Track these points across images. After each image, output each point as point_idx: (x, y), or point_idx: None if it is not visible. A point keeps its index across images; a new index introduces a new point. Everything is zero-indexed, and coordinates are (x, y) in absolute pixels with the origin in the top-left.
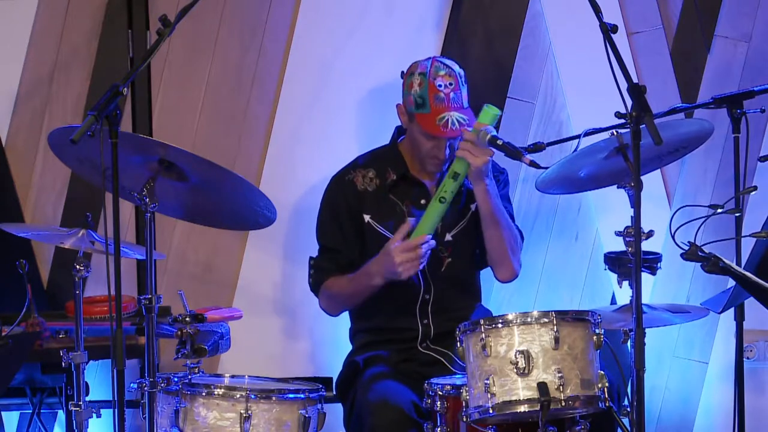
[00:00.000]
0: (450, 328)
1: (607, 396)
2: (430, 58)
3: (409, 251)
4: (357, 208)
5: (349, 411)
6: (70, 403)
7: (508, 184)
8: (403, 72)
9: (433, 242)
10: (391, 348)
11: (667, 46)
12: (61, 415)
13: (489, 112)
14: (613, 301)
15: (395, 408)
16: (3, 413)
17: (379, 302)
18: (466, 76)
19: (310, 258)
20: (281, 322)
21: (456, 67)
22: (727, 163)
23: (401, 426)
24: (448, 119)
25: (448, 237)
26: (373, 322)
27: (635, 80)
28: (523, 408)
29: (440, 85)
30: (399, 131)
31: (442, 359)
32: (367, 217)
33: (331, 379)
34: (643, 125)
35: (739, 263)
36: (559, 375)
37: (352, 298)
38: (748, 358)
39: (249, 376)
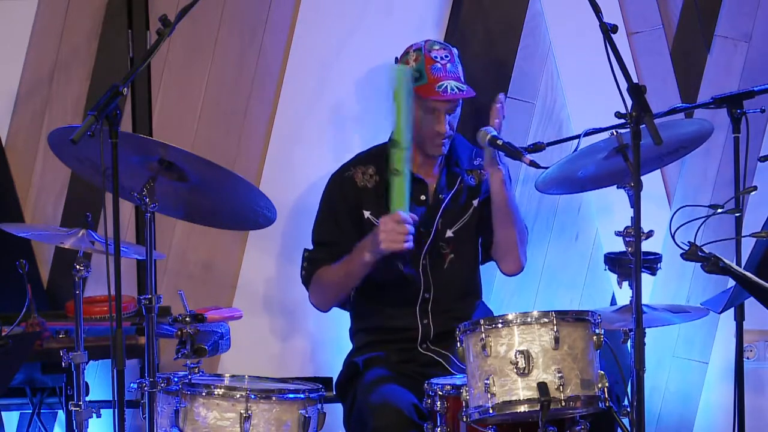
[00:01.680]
0: (450, 327)
1: (607, 396)
2: (422, 40)
3: (394, 222)
4: (356, 204)
5: (349, 411)
6: (70, 403)
7: (509, 177)
8: (396, 57)
9: (415, 217)
10: (391, 348)
11: (667, 46)
12: (61, 415)
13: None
14: (613, 302)
15: (396, 410)
16: (3, 413)
17: (378, 301)
18: (464, 73)
19: (305, 250)
20: (281, 322)
21: (449, 46)
22: (727, 163)
23: (402, 428)
24: (447, 86)
25: (450, 233)
26: (373, 321)
27: (635, 80)
28: (523, 408)
29: (436, 57)
30: None
31: (441, 361)
32: (366, 213)
33: (331, 379)
34: (643, 125)
35: (739, 263)
36: (559, 375)
37: (342, 283)
38: (748, 358)
39: (249, 376)
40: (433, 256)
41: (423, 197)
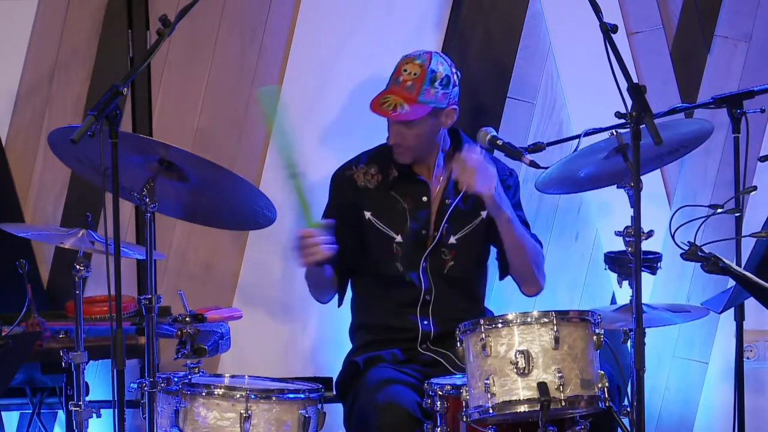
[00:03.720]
0: (450, 329)
1: (607, 396)
2: (432, 51)
3: (301, 239)
4: (356, 205)
5: (350, 411)
6: (70, 403)
7: (519, 187)
8: None
9: (325, 223)
10: (391, 348)
11: (667, 46)
12: (61, 415)
13: None
14: (613, 301)
15: (401, 408)
16: (3, 413)
17: (380, 300)
18: (456, 81)
19: None
20: (281, 322)
21: (441, 67)
22: (727, 163)
23: (407, 426)
24: (389, 100)
25: (453, 240)
26: (374, 319)
27: (635, 80)
28: (523, 408)
29: (405, 70)
30: None
31: (442, 360)
32: (367, 214)
33: (331, 379)
34: (643, 125)
35: (739, 263)
36: (559, 375)
37: (310, 281)
38: (748, 358)
39: (249, 376)
40: (434, 260)
41: (425, 198)
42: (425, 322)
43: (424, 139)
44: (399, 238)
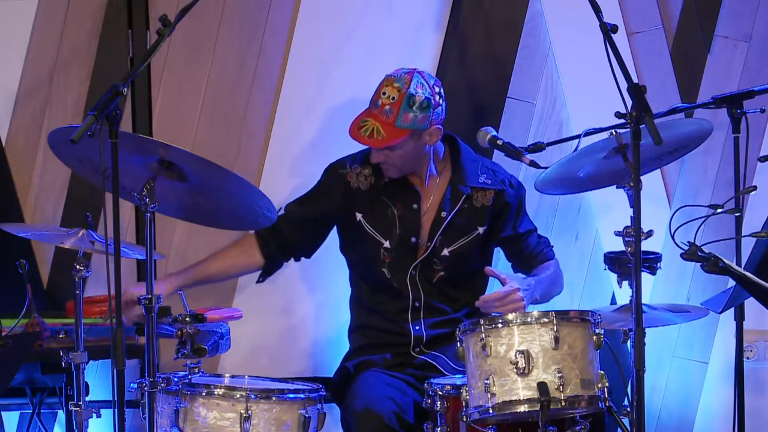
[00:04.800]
0: (442, 332)
1: (607, 396)
2: (414, 70)
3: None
4: (348, 206)
5: (343, 415)
6: (70, 403)
7: (525, 198)
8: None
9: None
10: (384, 352)
11: (667, 46)
12: (61, 415)
13: None
14: (613, 301)
15: (376, 416)
16: (3, 413)
17: (373, 304)
18: (440, 100)
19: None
20: (281, 322)
21: (420, 90)
22: (727, 163)
23: None
24: (366, 125)
25: (446, 252)
26: (369, 322)
27: (635, 80)
28: (523, 408)
29: (384, 93)
30: None
31: (435, 363)
32: (359, 216)
33: (330, 379)
34: (643, 125)
35: (739, 263)
36: (559, 375)
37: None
38: (748, 358)
39: (249, 376)
40: (424, 270)
41: (415, 206)
42: (417, 327)
43: (407, 158)
44: (387, 244)
